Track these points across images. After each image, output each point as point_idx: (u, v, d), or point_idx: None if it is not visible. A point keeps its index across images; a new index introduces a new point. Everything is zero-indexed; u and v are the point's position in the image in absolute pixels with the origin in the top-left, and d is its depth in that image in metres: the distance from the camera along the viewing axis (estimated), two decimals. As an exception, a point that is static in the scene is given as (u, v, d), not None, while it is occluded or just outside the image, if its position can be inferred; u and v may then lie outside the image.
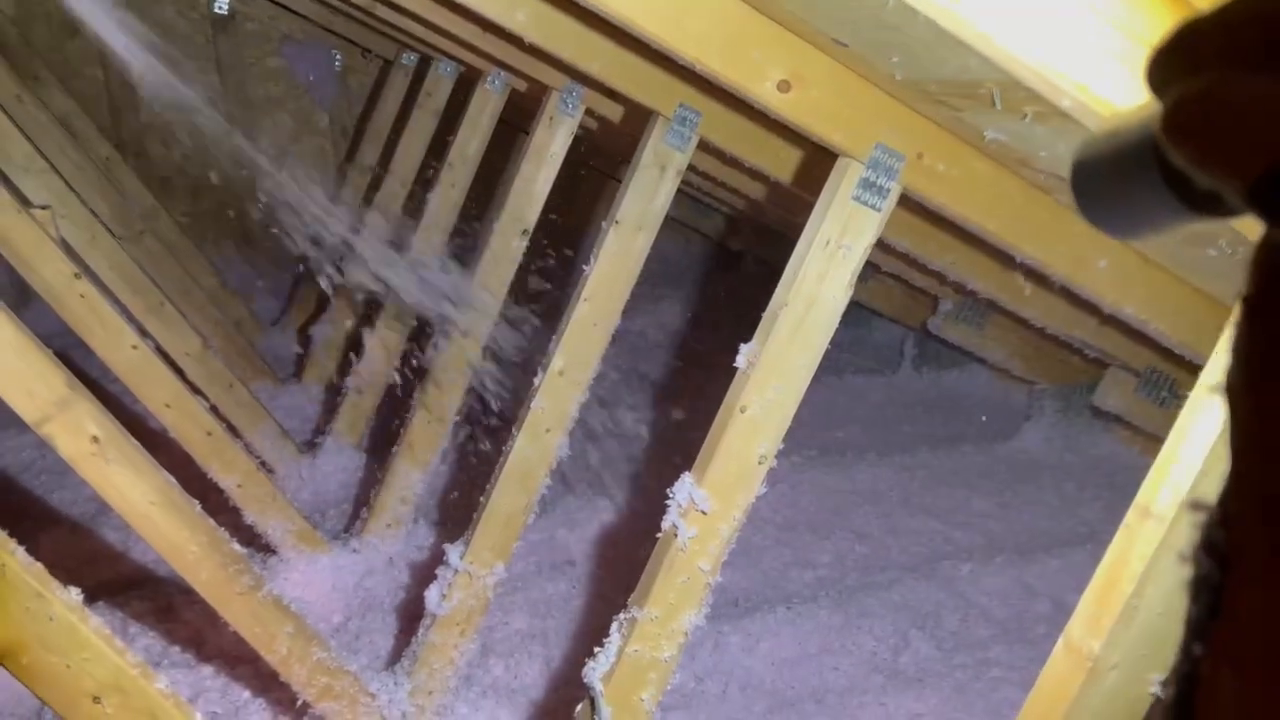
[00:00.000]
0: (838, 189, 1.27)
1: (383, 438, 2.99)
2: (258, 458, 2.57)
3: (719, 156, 2.03)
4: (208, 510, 1.61)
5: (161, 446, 1.96)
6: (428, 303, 2.16)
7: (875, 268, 3.13)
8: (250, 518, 2.37)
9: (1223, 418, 0.27)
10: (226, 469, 2.31)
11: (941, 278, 2.60)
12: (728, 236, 4.75)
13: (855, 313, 1.75)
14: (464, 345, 2.26)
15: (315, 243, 2.07)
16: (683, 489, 1.38)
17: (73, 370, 1.42)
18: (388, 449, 2.60)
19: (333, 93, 4.53)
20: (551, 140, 2.10)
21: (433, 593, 1.99)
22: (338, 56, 4.48)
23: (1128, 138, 0.35)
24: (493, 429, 2.40)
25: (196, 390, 2.48)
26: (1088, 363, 3.16)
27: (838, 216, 1.27)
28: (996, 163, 1.30)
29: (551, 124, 2.09)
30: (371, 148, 3.78)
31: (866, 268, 1.33)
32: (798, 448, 3.14)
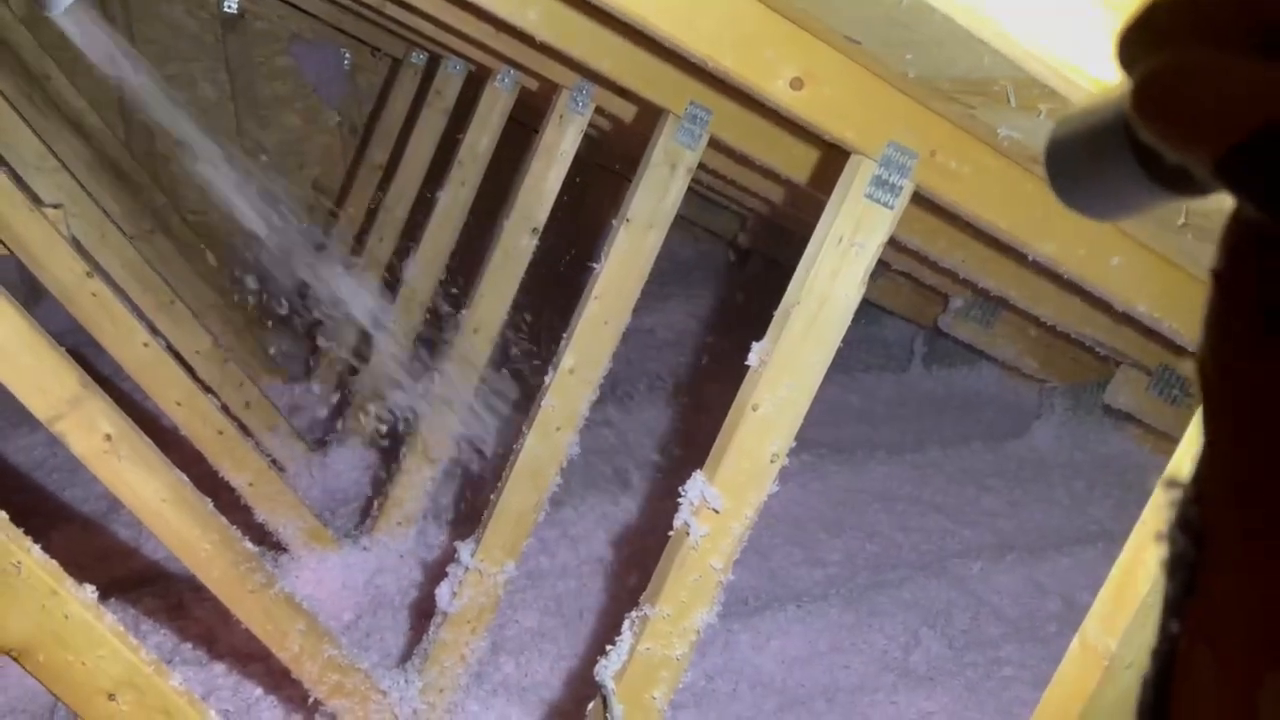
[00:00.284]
0: (850, 187, 1.27)
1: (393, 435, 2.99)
2: (268, 456, 2.57)
3: (730, 155, 2.02)
4: (219, 508, 1.62)
5: (173, 444, 1.97)
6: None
7: (886, 265, 3.12)
8: (261, 516, 2.38)
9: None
10: (237, 467, 2.32)
11: (953, 275, 2.59)
12: (738, 235, 4.74)
13: (865, 310, 1.75)
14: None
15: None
16: (694, 487, 1.37)
17: (84, 368, 1.43)
18: (398, 447, 2.61)
19: (342, 91, 4.53)
20: (561, 138, 2.10)
21: (443, 590, 2.00)
22: (347, 55, 4.48)
23: (1100, 116, 0.35)
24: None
25: (207, 388, 2.49)
26: (1099, 361, 3.14)
27: (850, 214, 1.27)
28: (1009, 160, 1.30)
29: (561, 122, 2.09)
30: (381, 146, 3.78)
31: (877, 265, 1.32)
32: (807, 445, 3.13)
